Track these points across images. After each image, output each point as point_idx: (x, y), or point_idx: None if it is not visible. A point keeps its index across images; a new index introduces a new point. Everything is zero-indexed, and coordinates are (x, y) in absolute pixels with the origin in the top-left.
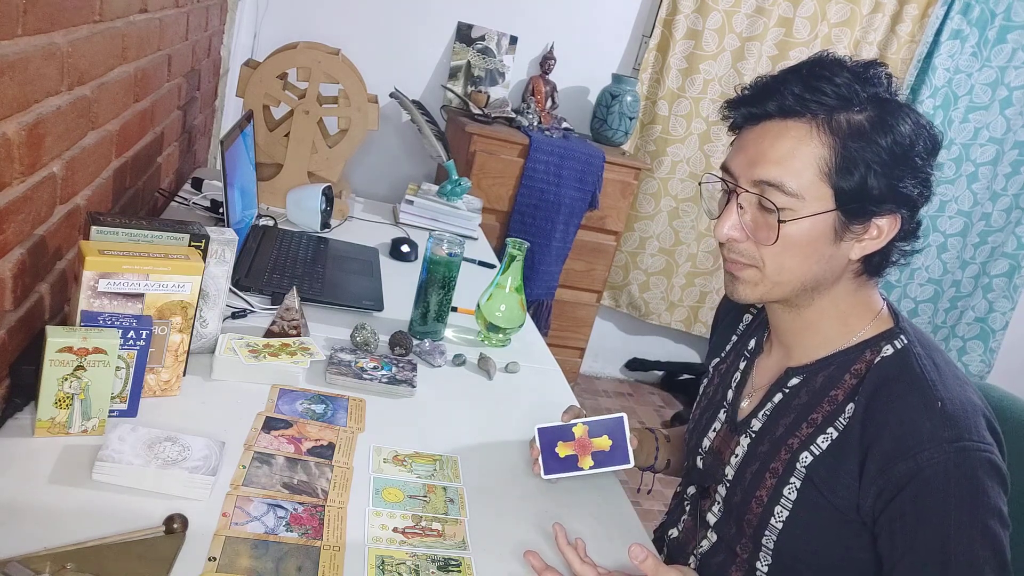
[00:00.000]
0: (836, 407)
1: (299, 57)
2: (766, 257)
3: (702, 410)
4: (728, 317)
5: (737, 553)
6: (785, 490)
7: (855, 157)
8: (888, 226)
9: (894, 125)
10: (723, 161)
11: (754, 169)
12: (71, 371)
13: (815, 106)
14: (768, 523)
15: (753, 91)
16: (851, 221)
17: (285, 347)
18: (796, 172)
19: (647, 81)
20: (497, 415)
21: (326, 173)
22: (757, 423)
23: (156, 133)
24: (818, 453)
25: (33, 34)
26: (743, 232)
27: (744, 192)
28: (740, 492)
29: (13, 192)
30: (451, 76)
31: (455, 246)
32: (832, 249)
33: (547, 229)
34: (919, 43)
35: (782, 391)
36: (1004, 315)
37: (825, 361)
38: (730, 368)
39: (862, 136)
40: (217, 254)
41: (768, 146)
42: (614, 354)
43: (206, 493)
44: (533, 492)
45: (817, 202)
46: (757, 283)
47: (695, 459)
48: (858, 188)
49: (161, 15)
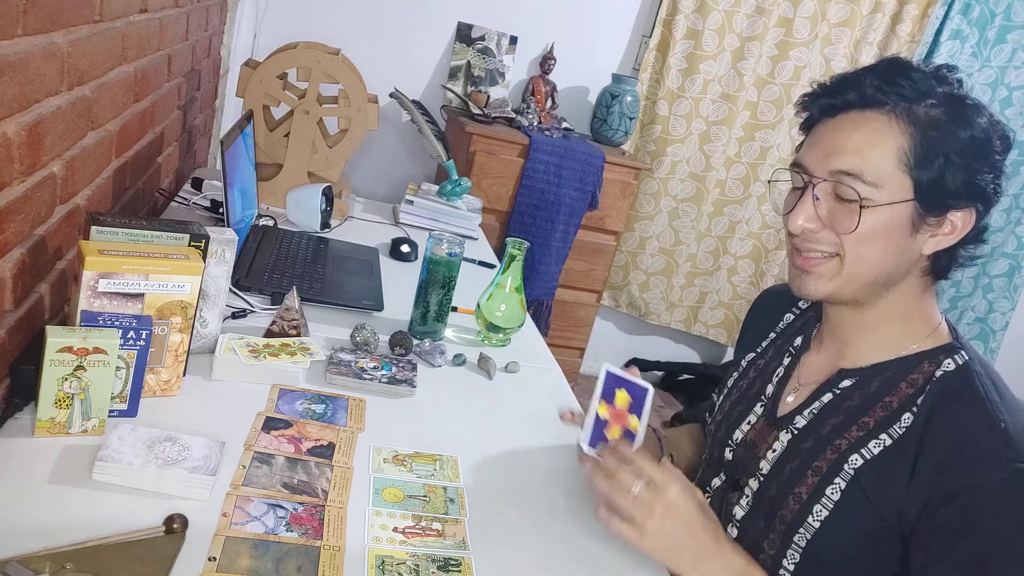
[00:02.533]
0: (890, 414)
1: (299, 57)
2: (846, 245)
3: (733, 402)
4: (768, 314)
5: (763, 549)
6: (828, 490)
7: (934, 147)
8: (962, 221)
9: (972, 119)
10: (794, 159)
11: (831, 160)
12: (71, 371)
13: (894, 97)
14: (804, 521)
15: (832, 84)
16: (928, 213)
17: (285, 347)
18: (875, 161)
19: (647, 81)
20: (497, 415)
21: (326, 173)
22: (801, 420)
23: (156, 133)
24: (869, 457)
25: (33, 34)
26: (819, 223)
27: (821, 182)
28: (776, 487)
29: (13, 192)
30: (451, 76)
31: (455, 246)
32: (908, 242)
33: (547, 229)
34: (919, 43)
35: (832, 391)
36: (1004, 315)
37: (881, 366)
38: (770, 363)
39: (941, 127)
40: (217, 254)
41: (846, 137)
42: (614, 354)
43: (206, 493)
44: (533, 492)
45: (896, 192)
46: (834, 276)
47: (723, 450)
48: (936, 179)
49: (161, 15)
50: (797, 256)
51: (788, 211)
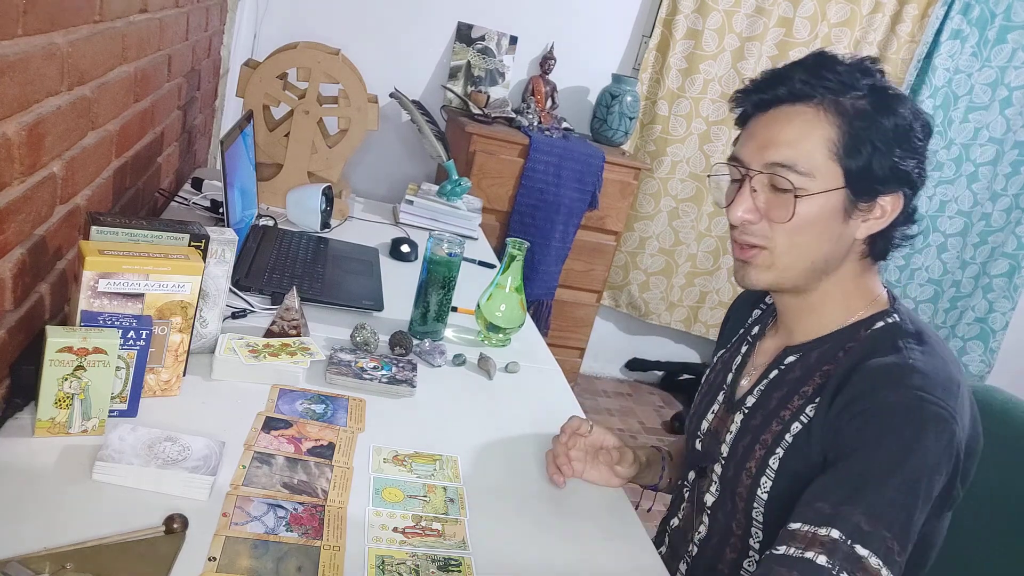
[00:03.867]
0: (827, 380)
1: (299, 57)
2: (778, 236)
3: (702, 395)
4: (739, 313)
5: (733, 531)
6: (771, 460)
7: (861, 137)
8: (891, 205)
9: (895, 108)
10: (731, 153)
11: (765, 152)
12: (71, 371)
13: (821, 90)
14: (755, 495)
15: (762, 79)
16: (858, 199)
17: (285, 347)
18: (807, 153)
19: (647, 81)
20: (497, 415)
21: (326, 173)
22: (751, 399)
23: (156, 133)
24: (806, 422)
25: (33, 34)
26: (757, 214)
27: (757, 174)
28: (733, 467)
29: (13, 192)
30: (451, 76)
31: (455, 246)
32: (841, 228)
33: (547, 229)
34: (919, 43)
35: (778, 368)
36: (1004, 315)
37: (821, 340)
38: (732, 353)
39: (866, 117)
40: (217, 254)
41: (779, 130)
42: (614, 354)
43: (206, 493)
44: (533, 492)
45: (827, 180)
46: (769, 266)
47: (694, 443)
48: (865, 166)
49: (161, 15)
50: (737, 248)
51: (728, 203)
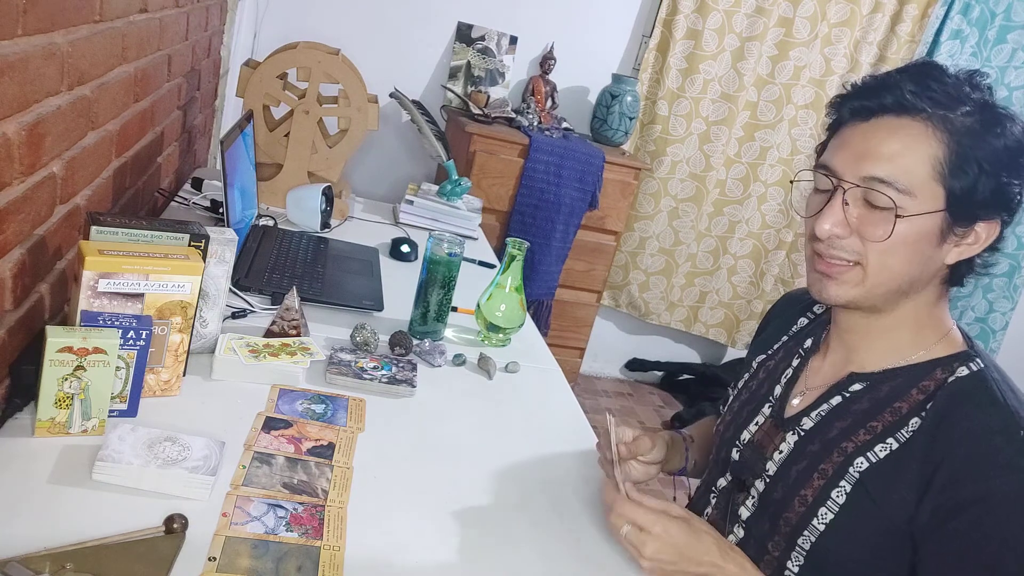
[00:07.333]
0: (899, 419)
1: (299, 57)
2: (871, 254)
3: (742, 403)
4: (783, 316)
5: (767, 550)
6: (833, 492)
7: (968, 156)
8: (987, 231)
9: (1005, 127)
10: (820, 159)
11: (863, 165)
12: (71, 371)
13: (929, 103)
14: (809, 523)
15: (867, 85)
16: (956, 223)
17: (285, 347)
18: (908, 169)
19: (647, 81)
20: (497, 415)
21: (326, 173)
22: (808, 422)
23: (156, 133)
24: (874, 461)
25: (33, 34)
26: (847, 228)
27: (852, 187)
28: (781, 489)
29: (13, 192)
30: (451, 76)
31: (455, 246)
32: (933, 251)
33: (547, 229)
34: (919, 43)
35: (842, 394)
36: (1004, 315)
37: (892, 372)
38: (780, 364)
39: (975, 136)
40: (217, 254)
41: (879, 142)
42: (614, 354)
43: (206, 493)
44: (534, 491)
45: (927, 201)
46: (857, 284)
47: (730, 451)
48: (969, 188)
49: (161, 15)
50: (819, 261)
51: (813, 214)
